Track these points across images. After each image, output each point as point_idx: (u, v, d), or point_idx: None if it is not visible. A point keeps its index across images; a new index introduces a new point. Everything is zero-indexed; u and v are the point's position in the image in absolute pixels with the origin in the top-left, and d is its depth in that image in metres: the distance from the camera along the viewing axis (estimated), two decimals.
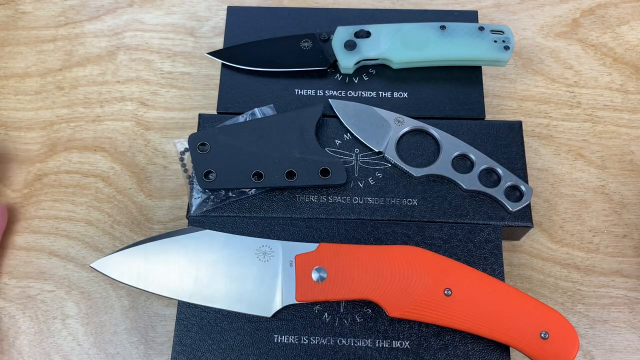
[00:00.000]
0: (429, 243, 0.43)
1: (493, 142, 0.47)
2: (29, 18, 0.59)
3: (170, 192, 0.51)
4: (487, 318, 0.39)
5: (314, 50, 0.51)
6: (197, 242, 0.42)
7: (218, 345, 0.41)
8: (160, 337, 0.46)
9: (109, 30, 0.59)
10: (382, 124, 0.47)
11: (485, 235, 0.44)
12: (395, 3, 0.59)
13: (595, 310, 0.46)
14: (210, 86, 0.55)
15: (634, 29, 0.57)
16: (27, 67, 0.57)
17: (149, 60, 0.57)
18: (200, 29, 0.58)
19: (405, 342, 0.41)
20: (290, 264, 0.41)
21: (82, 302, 0.47)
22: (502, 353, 0.41)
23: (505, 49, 0.49)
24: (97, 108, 0.55)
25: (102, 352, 0.46)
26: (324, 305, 0.42)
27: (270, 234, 0.44)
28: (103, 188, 0.51)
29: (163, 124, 0.54)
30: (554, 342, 0.38)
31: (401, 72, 0.51)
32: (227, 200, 0.45)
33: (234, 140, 0.46)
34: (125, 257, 0.42)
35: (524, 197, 0.44)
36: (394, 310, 0.39)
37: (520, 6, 0.59)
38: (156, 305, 0.47)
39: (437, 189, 0.46)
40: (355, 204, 0.45)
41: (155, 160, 0.52)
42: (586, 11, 0.58)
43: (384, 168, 0.46)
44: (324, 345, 0.41)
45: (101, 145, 0.53)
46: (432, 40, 0.50)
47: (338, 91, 0.50)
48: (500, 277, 0.42)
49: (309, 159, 0.45)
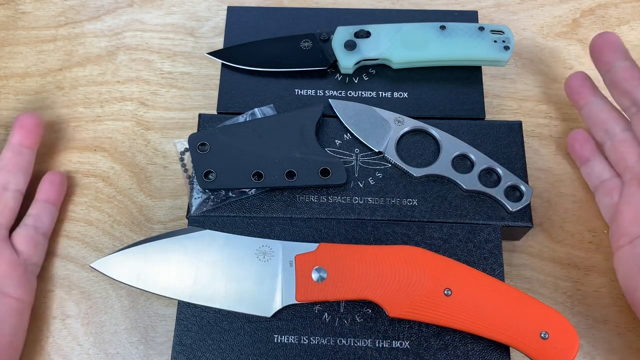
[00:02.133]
0: (429, 243, 0.43)
1: (493, 142, 0.47)
2: (29, 18, 0.59)
3: (170, 192, 0.51)
4: (487, 318, 0.39)
5: (314, 50, 0.51)
6: (197, 242, 0.42)
7: (218, 345, 0.41)
8: (160, 337, 0.46)
9: (109, 30, 0.59)
10: (382, 124, 0.47)
11: (485, 235, 0.44)
12: (395, 3, 0.59)
13: (595, 310, 0.46)
14: (210, 86, 0.55)
15: (634, 29, 0.57)
16: (27, 67, 0.57)
17: (149, 60, 0.57)
18: (200, 29, 0.58)
19: (405, 342, 0.41)
20: (290, 264, 0.41)
21: (82, 302, 0.47)
22: (502, 353, 0.41)
23: (505, 49, 0.49)
24: (97, 108, 0.55)
25: (102, 352, 0.46)
26: (324, 305, 0.42)
27: (270, 234, 0.44)
28: (103, 188, 0.51)
29: (163, 124, 0.54)
30: (554, 342, 0.38)
31: (401, 72, 0.51)
32: (227, 200, 0.45)
33: (234, 140, 0.46)
34: (125, 257, 0.42)
35: (524, 197, 0.44)
36: (394, 310, 0.39)
37: (520, 6, 0.59)
38: (156, 305, 0.47)
39: (437, 189, 0.46)
40: (355, 204, 0.45)
41: (155, 160, 0.52)
42: (586, 11, 0.58)
43: (384, 168, 0.46)
44: (324, 345, 0.41)
45: (101, 145, 0.53)
46: (432, 40, 0.50)
47: (338, 91, 0.50)
48: (500, 277, 0.42)
49: (309, 159, 0.45)
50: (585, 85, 0.49)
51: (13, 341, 0.42)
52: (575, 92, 0.49)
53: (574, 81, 0.49)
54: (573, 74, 0.50)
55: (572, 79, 0.50)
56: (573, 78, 0.50)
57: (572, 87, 0.50)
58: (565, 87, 0.50)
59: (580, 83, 0.49)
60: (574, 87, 0.49)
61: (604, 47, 0.47)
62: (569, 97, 0.50)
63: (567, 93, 0.50)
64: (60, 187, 0.49)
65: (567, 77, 0.50)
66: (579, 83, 0.49)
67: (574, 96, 0.50)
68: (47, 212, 0.48)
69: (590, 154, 0.48)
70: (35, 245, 0.46)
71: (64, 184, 0.50)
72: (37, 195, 0.49)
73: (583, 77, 0.49)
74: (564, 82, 0.51)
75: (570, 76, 0.50)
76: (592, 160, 0.48)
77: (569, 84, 0.50)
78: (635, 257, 0.42)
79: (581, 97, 0.49)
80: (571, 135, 0.50)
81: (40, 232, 0.47)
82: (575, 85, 0.49)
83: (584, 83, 0.49)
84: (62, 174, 0.50)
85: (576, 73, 0.50)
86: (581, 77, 0.49)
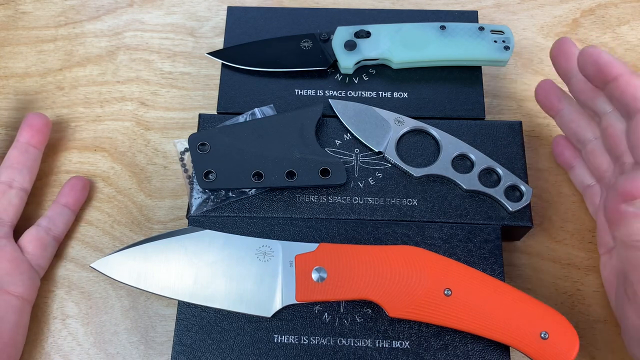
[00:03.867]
0: (429, 243, 0.43)
1: (493, 142, 0.47)
2: (29, 18, 0.59)
3: (170, 192, 0.51)
4: (487, 318, 0.39)
5: (314, 50, 0.51)
6: (197, 242, 0.42)
7: (218, 345, 0.41)
8: (160, 337, 0.46)
9: (109, 30, 0.59)
10: (382, 124, 0.47)
11: (485, 235, 0.44)
12: (395, 3, 0.59)
13: (595, 310, 0.46)
14: (210, 86, 0.55)
15: (634, 29, 0.57)
16: (27, 67, 0.57)
17: (149, 60, 0.57)
18: (200, 29, 0.58)
19: (405, 342, 0.41)
20: (290, 264, 0.41)
21: (82, 302, 0.47)
22: (502, 353, 0.41)
23: (505, 49, 0.49)
24: (97, 108, 0.55)
25: (102, 352, 0.46)
26: (324, 305, 0.42)
27: (270, 234, 0.44)
28: (103, 188, 0.52)
29: (163, 124, 0.54)
30: (554, 342, 0.38)
31: (401, 72, 0.51)
32: (227, 200, 0.45)
33: (234, 140, 0.46)
34: (125, 257, 0.42)
35: (524, 197, 0.44)
36: (394, 310, 0.39)
37: (520, 6, 0.59)
38: (156, 305, 0.47)
39: (437, 189, 0.46)
40: (355, 204, 0.45)
41: (155, 160, 0.52)
42: (586, 11, 0.58)
43: (384, 168, 0.46)
44: (324, 345, 0.41)
45: (101, 145, 0.53)
46: (432, 40, 0.50)
47: (338, 91, 0.50)
48: (500, 277, 0.42)
49: (309, 159, 0.45)
50: (553, 93, 0.47)
51: (13, 339, 0.42)
52: (542, 103, 0.47)
53: (539, 92, 0.47)
54: (540, 83, 0.47)
55: (537, 90, 0.47)
56: (538, 89, 0.47)
57: (539, 99, 0.47)
58: (535, 97, 0.48)
59: (546, 94, 0.47)
60: (540, 99, 0.47)
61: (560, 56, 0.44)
62: (540, 107, 0.48)
63: (537, 102, 0.48)
64: (80, 193, 0.49)
65: (536, 86, 0.48)
66: (545, 92, 0.47)
67: (543, 107, 0.48)
68: (62, 215, 0.48)
69: (573, 160, 0.48)
70: (44, 246, 0.46)
71: (85, 190, 0.50)
72: (57, 197, 0.49)
73: (548, 86, 0.47)
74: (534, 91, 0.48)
75: (538, 85, 0.48)
76: (575, 166, 0.48)
77: (537, 94, 0.47)
78: (611, 268, 0.42)
79: (550, 107, 0.47)
80: (554, 142, 0.49)
81: (52, 234, 0.47)
82: (541, 97, 0.47)
83: (550, 92, 0.47)
84: (84, 180, 0.50)
85: (543, 81, 0.47)
86: (546, 86, 0.47)
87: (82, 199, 0.50)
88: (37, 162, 0.49)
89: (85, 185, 0.50)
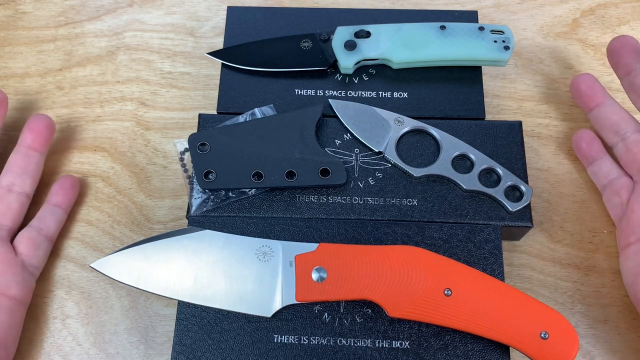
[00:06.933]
0: (429, 243, 0.43)
1: (493, 142, 0.47)
2: (29, 18, 0.59)
3: (170, 192, 0.51)
4: (487, 318, 0.39)
5: (314, 50, 0.51)
6: (197, 242, 0.42)
7: (218, 345, 0.41)
8: (160, 337, 0.46)
9: (109, 30, 0.59)
10: (382, 124, 0.47)
11: (485, 235, 0.44)
12: (395, 3, 0.59)
13: (595, 310, 0.46)
14: (210, 86, 0.55)
15: (634, 29, 0.57)
16: (27, 67, 0.57)
17: (149, 60, 0.57)
18: (200, 29, 0.58)
19: (405, 342, 0.41)
20: (290, 264, 0.41)
21: (82, 302, 0.47)
22: (502, 353, 0.41)
23: (505, 49, 0.49)
24: (97, 108, 0.55)
25: (102, 352, 0.46)
26: (324, 305, 0.42)
27: (270, 234, 0.44)
28: (103, 188, 0.51)
29: (163, 124, 0.54)
30: (554, 342, 0.38)
31: (401, 72, 0.51)
32: (227, 200, 0.45)
33: (234, 140, 0.46)
34: (125, 257, 0.42)
35: (524, 197, 0.44)
36: (394, 310, 0.39)
37: (520, 6, 0.59)
38: (156, 305, 0.47)
39: (437, 189, 0.46)
40: (355, 204, 0.45)
41: (155, 160, 0.52)
42: (586, 11, 0.58)
43: (384, 168, 0.46)
44: (324, 345, 0.41)
45: (101, 145, 0.53)
46: (432, 40, 0.50)
47: (338, 91, 0.50)
48: (500, 277, 0.42)
49: (309, 159, 0.45)
50: (595, 87, 0.49)
51: (4, 339, 0.42)
52: (584, 94, 0.49)
53: (583, 83, 0.49)
54: (580, 76, 0.50)
55: (580, 81, 0.49)
56: (581, 80, 0.49)
57: (581, 90, 0.49)
58: (572, 89, 0.50)
59: (590, 85, 0.49)
60: (584, 89, 0.49)
61: (623, 50, 0.47)
62: (577, 99, 0.50)
63: (574, 95, 0.50)
64: (69, 191, 0.49)
65: (574, 79, 0.50)
66: (588, 85, 0.49)
67: (583, 98, 0.49)
68: (53, 215, 0.48)
69: (597, 154, 0.48)
70: (36, 246, 0.46)
71: (75, 188, 0.50)
72: (47, 197, 0.49)
73: (592, 79, 0.49)
74: (570, 83, 0.50)
75: (578, 78, 0.50)
76: (600, 159, 0.48)
77: (577, 87, 0.50)
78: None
79: (591, 99, 0.49)
80: (577, 135, 0.50)
81: (43, 234, 0.47)
82: (584, 87, 0.49)
83: (593, 85, 0.49)
84: (73, 179, 0.50)
85: (583, 75, 0.50)
86: (590, 79, 0.49)
87: (72, 197, 0.49)
88: (39, 166, 0.49)
89: (74, 183, 0.50)
